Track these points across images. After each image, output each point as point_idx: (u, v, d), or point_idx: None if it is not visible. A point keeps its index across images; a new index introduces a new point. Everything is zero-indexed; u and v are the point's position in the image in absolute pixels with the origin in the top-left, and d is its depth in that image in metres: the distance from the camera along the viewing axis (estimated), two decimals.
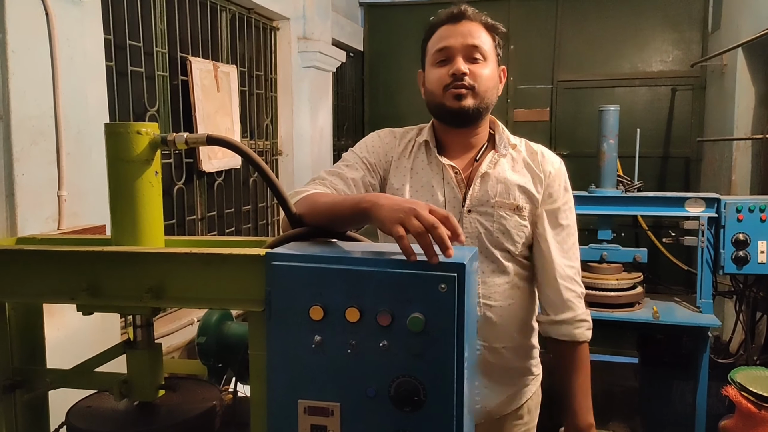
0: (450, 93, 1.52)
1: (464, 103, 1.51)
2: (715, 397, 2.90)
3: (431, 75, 1.57)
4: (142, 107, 2.61)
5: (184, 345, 2.70)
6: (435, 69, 1.56)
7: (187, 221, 2.96)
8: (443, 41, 1.55)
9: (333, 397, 0.96)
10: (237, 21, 3.39)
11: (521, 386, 1.67)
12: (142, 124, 1.12)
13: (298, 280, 0.96)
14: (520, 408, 1.67)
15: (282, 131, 3.92)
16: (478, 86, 1.52)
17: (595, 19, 4.57)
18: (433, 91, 1.56)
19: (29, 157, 1.73)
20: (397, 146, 1.63)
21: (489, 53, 1.55)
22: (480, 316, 1.56)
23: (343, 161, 1.60)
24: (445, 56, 1.54)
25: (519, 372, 1.66)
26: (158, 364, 1.21)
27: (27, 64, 1.71)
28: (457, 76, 1.50)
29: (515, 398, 1.65)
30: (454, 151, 1.61)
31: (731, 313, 3.44)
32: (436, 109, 1.58)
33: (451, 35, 1.54)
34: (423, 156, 1.61)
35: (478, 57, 1.53)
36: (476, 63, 1.53)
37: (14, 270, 1.12)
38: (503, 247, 1.56)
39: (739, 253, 3.02)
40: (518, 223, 1.56)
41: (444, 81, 1.53)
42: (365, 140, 1.66)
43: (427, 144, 1.62)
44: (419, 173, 1.59)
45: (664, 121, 4.52)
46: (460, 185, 1.57)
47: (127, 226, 1.14)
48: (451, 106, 1.52)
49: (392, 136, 1.66)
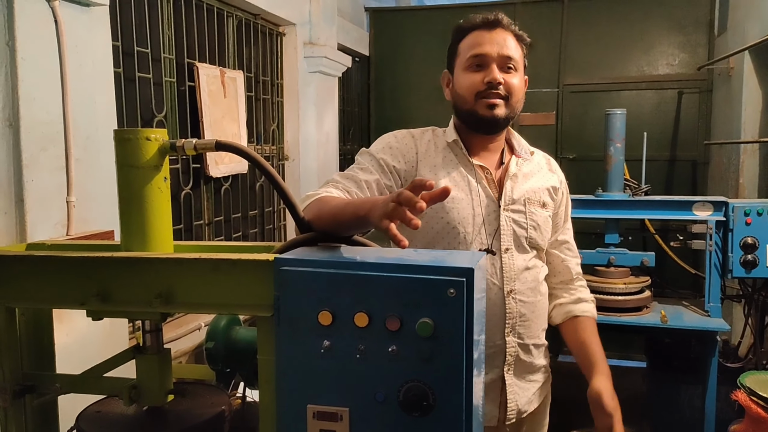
0: (483, 102, 1.55)
1: (497, 112, 1.55)
2: (724, 401, 2.88)
3: (463, 79, 1.58)
4: (150, 113, 2.62)
5: (192, 350, 2.71)
6: (468, 74, 1.57)
7: (194, 226, 2.97)
8: (478, 47, 1.56)
9: (342, 402, 0.96)
10: (243, 27, 3.41)
11: (541, 383, 1.73)
12: (152, 131, 1.13)
13: (307, 285, 0.96)
14: (542, 404, 1.76)
15: (288, 136, 3.93)
16: (511, 96, 1.56)
17: (601, 23, 4.56)
18: (465, 96, 1.58)
19: (38, 163, 1.74)
20: (418, 146, 1.63)
21: (519, 64, 1.59)
22: (516, 313, 1.61)
23: (357, 164, 1.59)
24: (480, 62, 1.56)
25: (540, 369, 1.72)
26: (167, 369, 1.22)
27: (36, 71, 1.73)
28: (492, 84, 1.53)
29: (538, 395, 1.72)
30: (478, 153, 1.65)
31: (740, 316, 3.42)
32: (465, 114, 1.60)
33: (486, 42, 1.56)
34: (451, 155, 1.63)
35: (511, 67, 1.56)
36: (509, 73, 1.56)
37: (24, 276, 1.13)
38: (535, 243, 1.64)
39: (747, 256, 3.00)
40: (546, 218, 1.66)
41: (477, 87, 1.55)
42: (382, 141, 1.65)
43: (455, 144, 1.64)
44: (452, 172, 1.61)
45: (670, 124, 4.51)
46: (491, 185, 1.62)
47: (136, 231, 1.14)
48: (483, 114, 1.56)
49: (410, 136, 1.66)
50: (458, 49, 1.62)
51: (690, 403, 3.26)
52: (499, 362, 1.61)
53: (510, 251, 1.59)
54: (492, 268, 1.58)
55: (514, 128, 1.76)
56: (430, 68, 4.81)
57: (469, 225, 1.56)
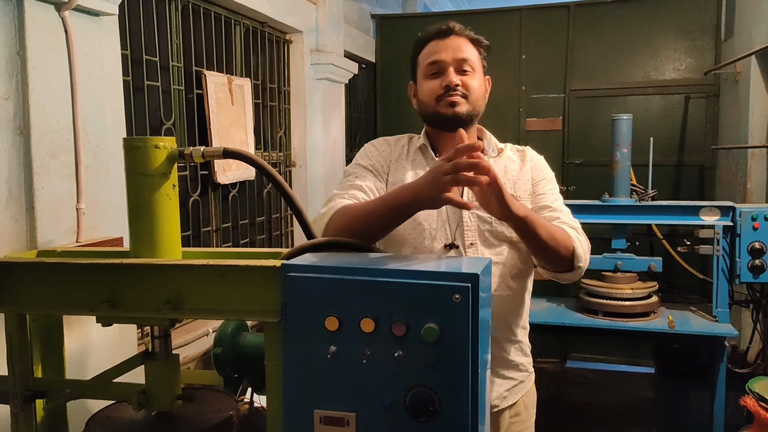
0: (444, 101, 1.63)
1: (458, 109, 1.63)
2: (733, 407, 2.87)
3: (424, 87, 1.68)
4: (159, 121, 2.65)
5: (200, 355, 2.72)
6: (427, 81, 1.67)
7: (202, 233, 2.99)
8: (434, 55, 1.66)
9: (348, 407, 0.96)
10: (251, 35, 3.43)
11: (518, 381, 1.73)
12: (160, 139, 1.14)
13: (314, 291, 0.97)
14: (515, 404, 1.73)
15: (295, 143, 3.95)
16: (470, 94, 1.64)
17: (607, 28, 4.56)
18: (427, 102, 1.68)
19: (49, 171, 1.76)
20: (393, 152, 1.74)
21: (477, 65, 1.67)
22: None
23: (350, 174, 1.69)
24: (437, 69, 1.65)
25: (515, 366, 1.72)
26: (176, 374, 1.23)
27: (46, 80, 1.75)
28: (450, 87, 1.62)
29: (512, 393, 1.71)
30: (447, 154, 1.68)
31: (748, 322, 3.40)
32: (430, 117, 1.70)
33: (441, 50, 1.65)
34: (421, 158, 1.72)
35: (467, 69, 1.65)
36: (466, 74, 1.65)
37: (34, 282, 1.15)
38: (503, 236, 1.64)
39: (755, 261, 2.99)
40: None
41: (437, 92, 1.64)
42: (363, 151, 1.76)
43: (424, 148, 1.73)
44: (418, 173, 1.67)
45: (677, 129, 4.50)
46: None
47: (145, 238, 1.16)
48: (445, 112, 1.64)
49: (386, 143, 1.77)
50: (418, 60, 1.72)
51: (698, 409, 3.24)
52: None
53: (475, 246, 1.63)
54: None
55: (521, 134, 1.78)
56: None
57: (434, 221, 1.63)
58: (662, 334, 3.10)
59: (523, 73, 4.69)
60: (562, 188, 1.60)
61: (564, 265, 1.55)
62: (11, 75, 1.68)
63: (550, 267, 1.58)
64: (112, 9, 1.98)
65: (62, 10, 1.79)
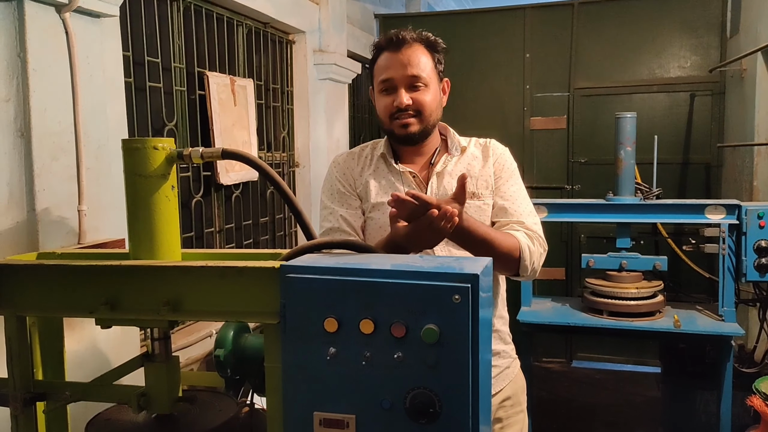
0: (397, 122, 1.67)
1: (410, 130, 1.67)
2: (739, 407, 2.85)
3: (378, 102, 1.71)
4: (161, 122, 2.65)
5: (203, 357, 2.72)
6: (381, 97, 1.69)
7: (205, 234, 2.99)
8: (385, 72, 1.67)
9: (348, 409, 0.96)
10: (253, 35, 3.43)
11: (502, 368, 1.76)
12: (159, 140, 1.14)
13: (313, 293, 0.97)
14: (505, 389, 1.76)
15: (299, 143, 3.95)
16: (423, 111, 1.66)
17: (611, 26, 4.54)
18: (382, 118, 1.71)
19: (50, 173, 1.76)
20: (356, 166, 1.79)
21: (430, 77, 1.67)
22: None
23: (326, 209, 1.75)
24: (388, 86, 1.67)
25: (495, 354, 1.74)
26: (176, 376, 1.22)
27: (47, 81, 1.75)
28: (400, 108, 1.64)
29: (498, 380, 1.74)
30: (409, 158, 1.76)
31: (755, 321, 3.38)
32: (387, 133, 1.74)
33: (392, 65, 1.65)
34: (383, 166, 1.76)
35: (419, 84, 1.65)
36: (418, 90, 1.65)
37: (34, 285, 1.14)
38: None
39: (761, 260, 2.97)
40: (477, 207, 1.69)
41: (390, 110, 1.67)
42: (328, 175, 1.81)
43: (384, 155, 1.76)
44: (382, 181, 1.74)
45: (683, 127, 4.47)
46: (420, 186, 1.72)
47: (144, 240, 1.15)
48: (399, 133, 1.68)
49: (351, 157, 1.81)
50: (374, 70, 1.73)
51: (705, 409, 3.22)
52: None
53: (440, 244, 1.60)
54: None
55: (525, 133, 1.78)
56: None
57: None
58: (668, 333, 3.09)
59: (527, 72, 4.67)
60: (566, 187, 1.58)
61: (509, 272, 1.64)
62: (12, 77, 1.68)
63: (501, 272, 1.69)
64: (113, 10, 1.97)
65: (63, 12, 1.78)
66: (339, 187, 1.75)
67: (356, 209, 1.73)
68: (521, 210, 1.69)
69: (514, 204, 1.69)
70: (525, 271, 1.60)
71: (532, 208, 1.72)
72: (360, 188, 1.75)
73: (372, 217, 1.72)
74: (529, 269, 1.60)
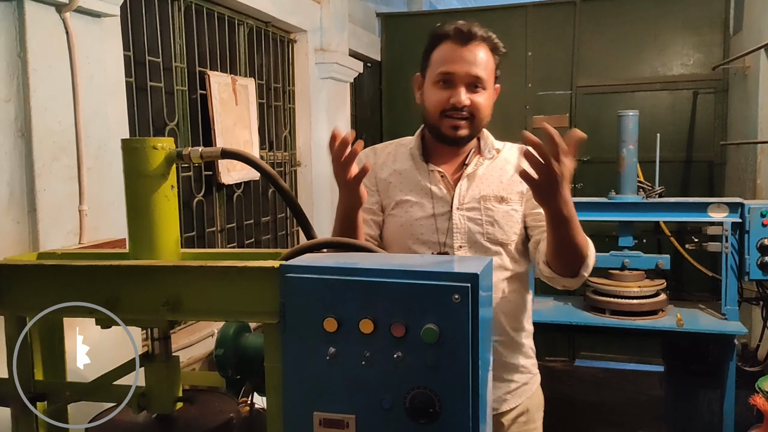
0: (447, 121, 1.59)
1: (460, 133, 1.60)
2: (743, 406, 2.84)
3: (431, 94, 1.61)
4: (162, 121, 2.65)
5: (205, 357, 2.72)
6: (435, 90, 1.60)
7: (207, 233, 2.99)
8: (447, 65, 1.57)
9: (348, 409, 0.95)
10: (255, 34, 3.43)
11: (519, 383, 1.70)
12: (158, 139, 1.14)
13: (312, 292, 0.96)
14: (520, 406, 1.70)
15: (300, 142, 3.95)
16: (476, 115, 1.59)
17: (614, 24, 4.53)
18: (430, 111, 1.62)
19: (50, 173, 1.76)
20: (377, 157, 1.74)
21: (489, 80, 1.60)
22: None
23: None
24: (447, 80, 1.58)
25: (514, 368, 1.69)
26: (176, 376, 1.22)
27: (48, 81, 1.75)
28: (456, 106, 1.56)
29: (514, 395, 1.69)
30: (442, 158, 1.70)
31: (758, 319, 3.37)
32: (431, 127, 1.66)
33: (455, 60, 1.57)
34: (410, 163, 1.70)
35: (479, 87, 1.58)
36: (476, 92, 1.58)
37: (34, 285, 1.14)
38: (495, 239, 1.62)
39: (764, 258, 2.96)
40: (505, 213, 1.63)
41: (443, 105, 1.58)
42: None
43: (413, 153, 1.70)
44: (408, 177, 1.68)
45: (686, 125, 4.46)
46: (448, 187, 1.66)
47: (143, 239, 1.15)
48: (446, 133, 1.61)
49: (372, 152, 1.77)
50: (430, 58, 1.63)
51: (708, 408, 3.21)
52: None
53: (463, 248, 1.62)
54: None
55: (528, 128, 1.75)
56: None
57: (423, 226, 1.63)
58: (671, 332, 3.08)
59: (529, 70, 4.66)
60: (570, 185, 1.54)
61: (572, 272, 1.52)
62: (12, 77, 1.68)
63: (559, 269, 1.52)
64: (114, 10, 1.97)
65: (63, 12, 1.78)
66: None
67: (372, 204, 1.67)
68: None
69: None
70: (586, 270, 1.51)
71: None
72: (380, 184, 1.70)
73: (394, 215, 1.67)
74: (590, 269, 1.52)
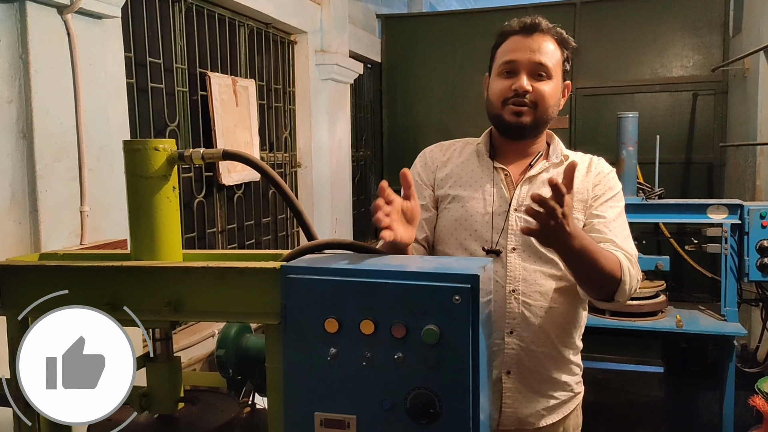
0: (509, 108, 1.56)
1: (522, 119, 1.56)
2: (742, 407, 2.85)
3: (494, 85, 1.61)
4: (163, 123, 2.65)
5: (206, 357, 2.72)
6: (499, 80, 1.59)
7: (207, 234, 2.99)
8: (511, 54, 1.57)
9: (349, 409, 0.96)
10: (255, 36, 3.44)
11: (559, 401, 1.63)
12: (160, 141, 1.14)
13: (313, 293, 0.97)
14: (556, 424, 1.63)
15: (301, 143, 3.95)
16: (539, 104, 1.56)
17: (613, 26, 4.54)
18: (493, 102, 1.61)
19: (52, 174, 1.76)
20: (443, 155, 1.72)
21: (554, 70, 1.58)
22: (518, 314, 1.57)
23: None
24: (511, 69, 1.57)
25: (556, 384, 1.63)
26: (177, 377, 1.23)
27: (49, 83, 1.75)
28: (518, 92, 1.54)
29: (552, 412, 1.62)
30: (508, 157, 1.67)
31: (757, 320, 3.38)
32: (494, 118, 1.64)
33: (519, 48, 1.56)
34: (474, 160, 1.68)
35: (542, 74, 1.56)
36: (540, 80, 1.56)
37: (36, 285, 1.14)
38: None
39: (764, 260, 2.96)
40: None
41: (505, 94, 1.57)
42: (416, 163, 1.75)
43: (479, 150, 1.69)
44: (469, 174, 1.66)
45: (685, 126, 4.46)
46: (509, 187, 1.63)
47: (145, 240, 1.15)
48: (509, 120, 1.57)
49: (439, 148, 1.75)
50: (495, 54, 1.64)
51: (708, 409, 3.22)
52: (498, 363, 1.57)
53: (516, 251, 1.58)
54: (496, 265, 1.58)
55: None
56: (443, 74, 4.81)
57: (477, 223, 1.60)
58: (670, 333, 3.09)
59: None
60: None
61: (605, 294, 1.51)
62: (14, 78, 1.68)
63: (590, 295, 1.55)
64: (115, 12, 1.98)
65: (65, 14, 1.79)
66: (416, 178, 1.68)
67: (423, 200, 1.65)
68: (617, 232, 1.56)
69: (610, 225, 1.57)
70: (623, 296, 1.48)
71: (629, 233, 1.60)
72: (441, 177, 1.68)
73: (448, 208, 1.64)
74: (627, 293, 1.49)
